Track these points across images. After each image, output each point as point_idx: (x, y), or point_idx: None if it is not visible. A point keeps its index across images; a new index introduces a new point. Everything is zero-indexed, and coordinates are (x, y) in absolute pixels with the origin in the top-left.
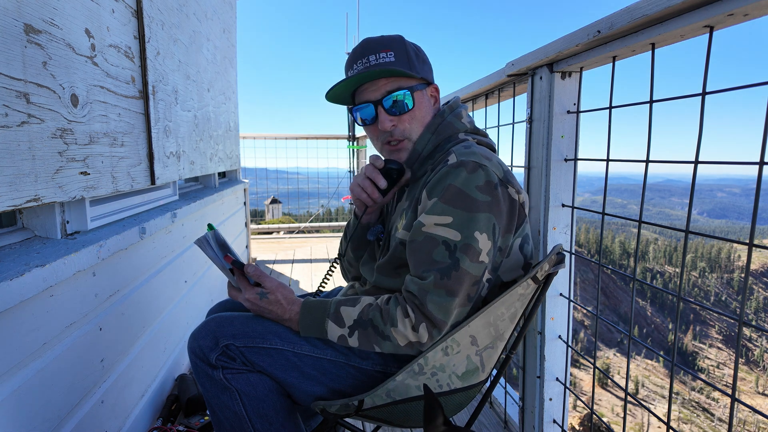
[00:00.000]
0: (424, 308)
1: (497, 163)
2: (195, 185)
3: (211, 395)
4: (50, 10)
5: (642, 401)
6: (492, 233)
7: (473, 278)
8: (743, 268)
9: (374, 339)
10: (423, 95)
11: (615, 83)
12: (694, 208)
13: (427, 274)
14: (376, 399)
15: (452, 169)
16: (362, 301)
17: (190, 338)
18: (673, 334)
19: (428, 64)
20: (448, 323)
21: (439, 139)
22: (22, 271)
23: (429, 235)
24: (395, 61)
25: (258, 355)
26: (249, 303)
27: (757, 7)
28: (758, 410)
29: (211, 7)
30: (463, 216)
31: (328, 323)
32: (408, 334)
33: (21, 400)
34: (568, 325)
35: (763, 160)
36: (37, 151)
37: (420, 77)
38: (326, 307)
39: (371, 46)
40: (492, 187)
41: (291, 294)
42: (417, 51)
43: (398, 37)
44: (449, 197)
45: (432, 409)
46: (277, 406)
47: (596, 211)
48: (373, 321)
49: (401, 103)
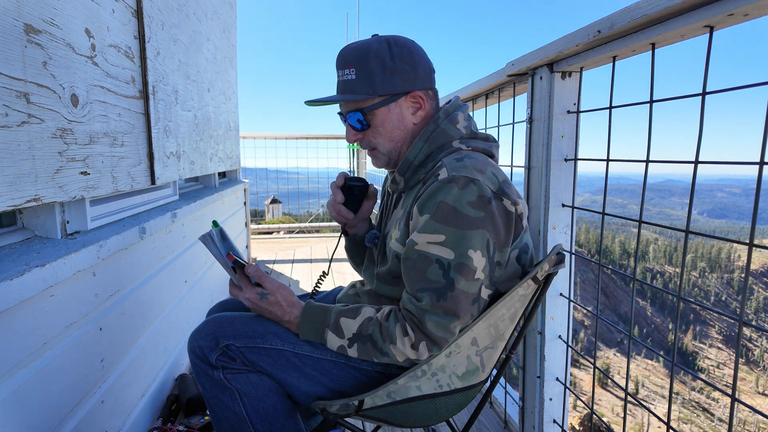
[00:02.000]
0: (424, 327)
1: (491, 175)
2: (195, 185)
3: (211, 395)
4: (50, 10)
5: (642, 401)
6: (486, 250)
7: (470, 296)
8: (743, 268)
9: (373, 353)
10: (389, 111)
11: (615, 83)
12: (694, 208)
13: (422, 295)
14: (377, 399)
15: (443, 185)
16: (362, 314)
17: (189, 338)
18: (673, 334)
19: (405, 71)
20: (448, 341)
21: (431, 147)
22: (22, 271)
23: (422, 253)
24: (355, 79)
25: (258, 356)
26: (249, 302)
27: (757, 7)
28: (758, 410)
29: (211, 7)
30: (455, 234)
31: (328, 333)
32: (407, 352)
33: (21, 399)
34: (568, 325)
35: (763, 160)
36: (37, 151)
37: (382, 95)
38: (326, 316)
39: (340, 60)
40: (485, 201)
41: (291, 296)
42: (386, 61)
43: (365, 48)
44: (440, 215)
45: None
46: (277, 406)
47: (596, 211)
48: (372, 336)
49: (360, 122)
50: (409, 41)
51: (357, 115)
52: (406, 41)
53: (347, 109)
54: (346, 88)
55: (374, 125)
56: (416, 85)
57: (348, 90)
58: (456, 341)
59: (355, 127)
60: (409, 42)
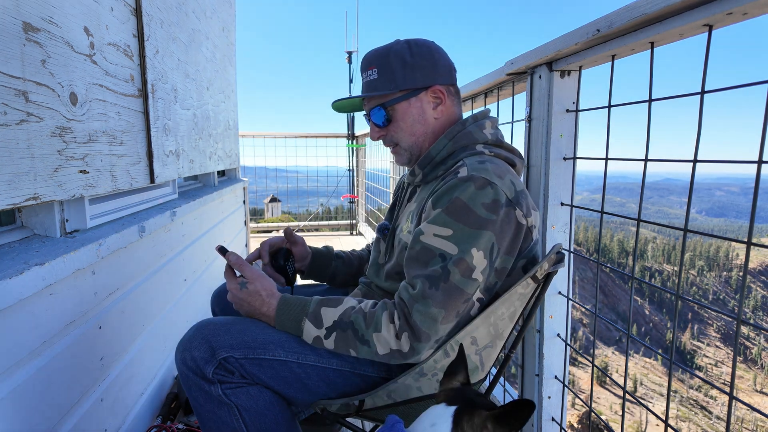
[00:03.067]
0: (410, 317)
1: (509, 183)
2: (194, 184)
3: (205, 410)
4: (49, 8)
5: (640, 399)
6: (489, 253)
7: (463, 294)
8: (741, 267)
9: (352, 343)
10: (409, 105)
11: (614, 82)
12: (692, 207)
13: (416, 281)
14: (377, 400)
15: (461, 183)
16: (345, 303)
17: (179, 347)
18: (672, 332)
19: (425, 66)
20: (430, 336)
21: (455, 146)
22: (21, 270)
23: (426, 246)
24: (377, 78)
25: (259, 368)
26: (231, 294)
27: (756, 6)
28: (756, 408)
29: (210, 6)
30: (463, 231)
31: (305, 322)
32: (390, 340)
33: (21, 398)
34: (567, 323)
35: (762, 159)
36: (36, 150)
37: (403, 89)
38: (305, 306)
39: (363, 63)
40: (498, 206)
41: (272, 286)
42: (406, 58)
43: (386, 49)
44: (453, 210)
45: (458, 364)
46: (278, 419)
47: (595, 209)
48: (354, 324)
49: (382, 118)
50: (429, 41)
51: (379, 111)
52: (426, 41)
53: (370, 107)
54: (369, 87)
55: (396, 120)
56: (436, 79)
57: (371, 88)
58: (456, 339)
59: (377, 124)
60: (428, 41)
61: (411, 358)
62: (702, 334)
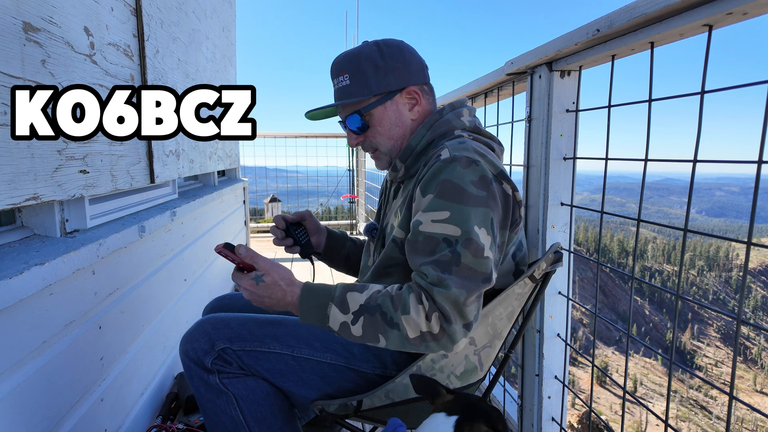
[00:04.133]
0: (435, 300)
1: (491, 160)
2: (194, 183)
3: (205, 399)
4: (49, 8)
5: (640, 399)
6: (490, 227)
7: (477, 274)
8: (741, 267)
9: (381, 327)
10: (385, 109)
11: (614, 82)
12: (692, 207)
13: (427, 269)
14: (375, 400)
15: (445, 165)
16: (371, 288)
17: (182, 340)
18: (672, 332)
19: (397, 68)
20: (458, 318)
21: (434, 135)
22: (21, 270)
23: (428, 234)
24: (350, 84)
25: (255, 360)
26: (248, 293)
27: (756, 6)
28: (756, 408)
29: (210, 6)
30: (460, 210)
31: (332, 308)
32: (420, 322)
33: (21, 398)
34: (567, 323)
35: (762, 159)
36: (36, 150)
37: (377, 93)
38: (330, 292)
39: (334, 68)
40: (487, 182)
41: (289, 274)
42: (378, 61)
43: (356, 53)
44: (444, 191)
45: (430, 387)
46: (275, 409)
47: (595, 209)
48: (381, 306)
49: (358, 124)
50: (398, 41)
51: (355, 118)
52: (395, 41)
53: (345, 114)
54: (342, 93)
55: (373, 125)
56: (410, 80)
57: (344, 95)
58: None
59: (354, 131)
60: (398, 41)
61: (443, 341)
62: (702, 334)
